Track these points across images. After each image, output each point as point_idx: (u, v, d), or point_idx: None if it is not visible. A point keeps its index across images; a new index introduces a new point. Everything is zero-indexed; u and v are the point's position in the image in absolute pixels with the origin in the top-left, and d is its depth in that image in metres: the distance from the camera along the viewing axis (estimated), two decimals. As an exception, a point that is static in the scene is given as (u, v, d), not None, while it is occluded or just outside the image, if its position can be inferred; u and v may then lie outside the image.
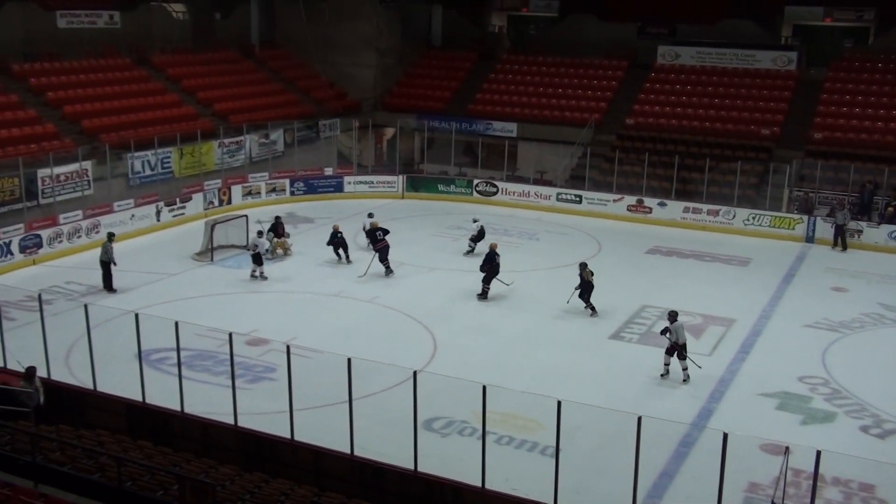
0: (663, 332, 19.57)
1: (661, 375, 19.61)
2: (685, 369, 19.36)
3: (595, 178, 36.39)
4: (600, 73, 42.42)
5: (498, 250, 24.83)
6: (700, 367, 19.55)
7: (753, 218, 32.72)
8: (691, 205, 33.74)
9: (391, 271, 26.33)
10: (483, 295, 24.48)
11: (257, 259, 25.70)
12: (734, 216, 32.98)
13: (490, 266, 24.46)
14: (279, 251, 28.15)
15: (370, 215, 28.48)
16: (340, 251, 27.75)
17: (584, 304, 23.42)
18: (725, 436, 11.68)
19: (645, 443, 12.31)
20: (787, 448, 12.85)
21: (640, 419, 12.12)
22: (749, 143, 36.50)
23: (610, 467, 15.36)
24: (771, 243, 31.57)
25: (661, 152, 36.32)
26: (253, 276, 25.81)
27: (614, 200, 34.80)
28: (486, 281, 24.44)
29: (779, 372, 20.13)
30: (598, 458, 15.83)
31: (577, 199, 35.34)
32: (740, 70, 40.07)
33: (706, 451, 15.72)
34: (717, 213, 33.27)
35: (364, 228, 28.15)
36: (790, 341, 22.20)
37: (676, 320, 19.37)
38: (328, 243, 27.74)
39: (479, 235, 28.79)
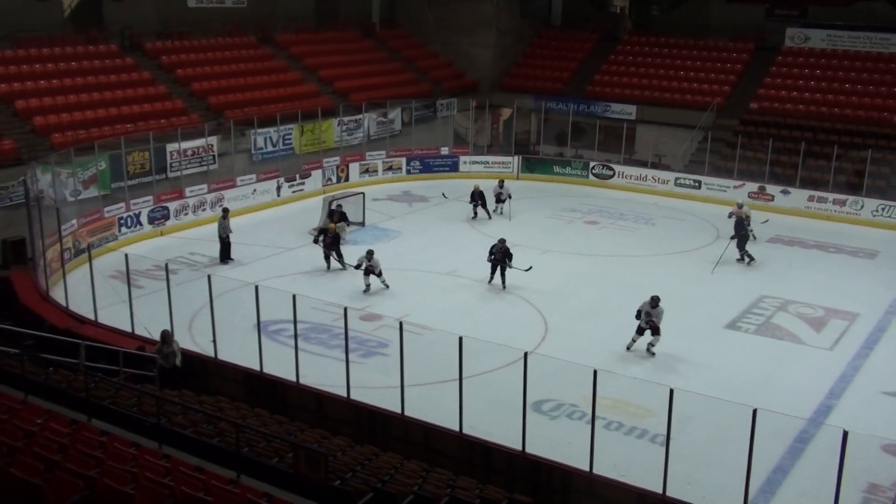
0: (638, 315, 19.67)
1: (628, 348, 19.96)
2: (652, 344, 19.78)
3: (715, 164, 35.51)
4: (724, 56, 41.27)
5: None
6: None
7: (883, 209, 31.35)
8: (816, 193, 32.56)
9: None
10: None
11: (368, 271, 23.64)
12: (862, 206, 31.67)
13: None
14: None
15: (502, 183, 31.40)
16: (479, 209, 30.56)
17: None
18: (846, 434, 11.33)
19: (759, 436, 12.05)
20: (912, 450, 12.38)
21: (755, 412, 11.85)
22: (881, 131, 34.87)
23: (722, 459, 15.04)
24: (901, 236, 30.24)
25: (787, 138, 35.11)
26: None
27: (735, 187, 33.87)
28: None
29: (905, 370, 19.33)
30: (710, 450, 15.51)
31: (697, 184, 34.59)
32: (874, 54, 38.30)
33: (824, 448, 15.27)
34: (843, 202, 32.01)
35: (499, 190, 31.06)
36: (918, 339, 21.26)
37: (658, 306, 19.46)
38: (470, 201, 30.60)
39: None
